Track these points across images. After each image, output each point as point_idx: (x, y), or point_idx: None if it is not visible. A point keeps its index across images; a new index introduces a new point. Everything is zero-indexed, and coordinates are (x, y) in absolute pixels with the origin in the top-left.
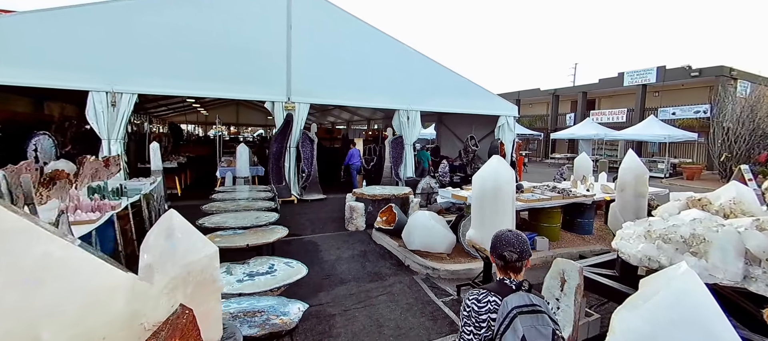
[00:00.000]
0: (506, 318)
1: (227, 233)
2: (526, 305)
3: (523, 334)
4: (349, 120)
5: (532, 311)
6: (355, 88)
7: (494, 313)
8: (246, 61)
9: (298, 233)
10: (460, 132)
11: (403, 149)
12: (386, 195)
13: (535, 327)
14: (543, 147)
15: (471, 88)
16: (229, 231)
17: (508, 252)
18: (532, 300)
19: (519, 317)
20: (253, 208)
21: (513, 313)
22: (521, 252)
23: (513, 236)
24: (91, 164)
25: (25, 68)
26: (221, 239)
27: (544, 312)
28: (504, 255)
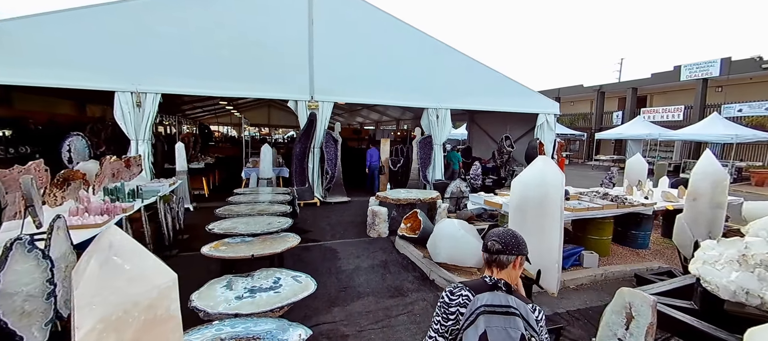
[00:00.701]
0: (472, 314)
1: (234, 241)
2: (497, 305)
3: (483, 331)
4: (377, 120)
5: (503, 312)
6: (381, 86)
7: (464, 307)
8: (268, 58)
9: (317, 238)
10: (493, 131)
11: (431, 150)
12: (411, 199)
13: (505, 328)
14: (586, 148)
15: (507, 84)
16: (236, 239)
17: (491, 241)
18: (509, 301)
19: (483, 315)
20: (268, 213)
21: (479, 310)
22: (505, 246)
23: (503, 230)
24: (112, 164)
25: (51, 69)
26: (226, 248)
27: (518, 315)
28: (487, 244)
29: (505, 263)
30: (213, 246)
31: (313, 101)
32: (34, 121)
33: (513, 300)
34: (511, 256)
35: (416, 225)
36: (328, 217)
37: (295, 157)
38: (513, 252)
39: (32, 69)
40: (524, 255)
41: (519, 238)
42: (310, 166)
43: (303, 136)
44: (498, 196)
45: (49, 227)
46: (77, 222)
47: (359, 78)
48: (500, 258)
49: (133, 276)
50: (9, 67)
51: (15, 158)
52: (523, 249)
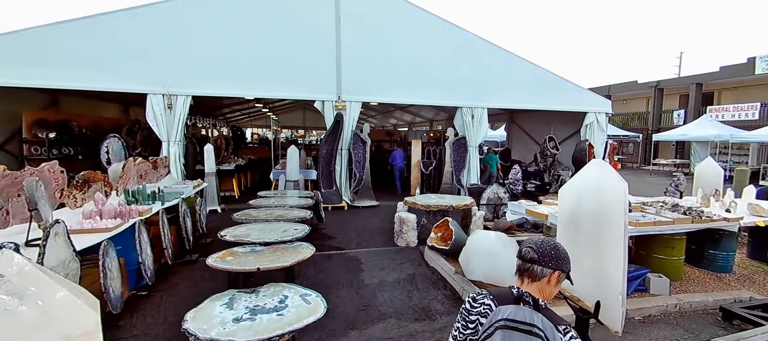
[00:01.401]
0: (490, 327)
1: (244, 250)
2: (520, 321)
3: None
4: (410, 121)
5: (526, 330)
6: (412, 85)
7: (485, 318)
8: (295, 58)
9: (341, 246)
10: (536, 132)
11: (466, 152)
12: (443, 205)
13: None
14: (641, 150)
15: (551, 80)
16: (247, 248)
17: (526, 248)
18: (534, 319)
19: (502, 331)
20: (285, 219)
21: (499, 324)
22: (541, 256)
23: (544, 238)
24: (138, 166)
25: (86, 72)
26: (233, 259)
27: (541, 337)
28: (521, 251)
29: (539, 275)
30: (220, 256)
31: (340, 101)
32: (78, 124)
33: (539, 319)
34: (547, 269)
35: (448, 234)
36: (355, 223)
37: (321, 159)
38: (549, 264)
39: (68, 72)
40: (563, 272)
41: (560, 250)
42: (338, 169)
43: (329, 137)
44: (543, 205)
45: (44, 233)
46: (88, 226)
47: (388, 77)
48: (533, 269)
49: (31, 321)
50: (46, 69)
51: (58, 159)
52: (564, 264)
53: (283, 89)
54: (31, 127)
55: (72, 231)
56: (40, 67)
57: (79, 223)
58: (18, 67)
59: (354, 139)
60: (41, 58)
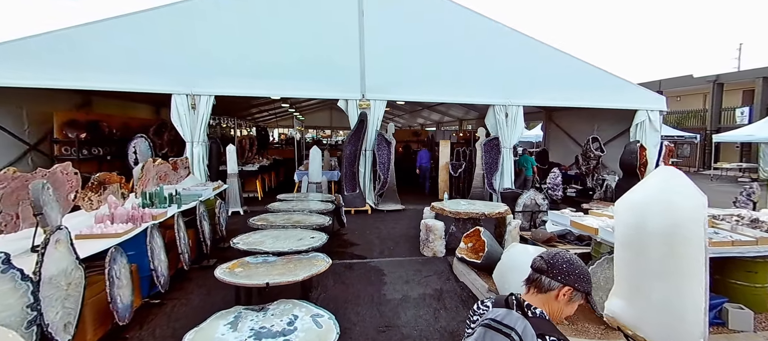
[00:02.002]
0: (476, 324)
1: (256, 260)
2: (501, 323)
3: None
4: (438, 121)
5: (503, 333)
6: (440, 82)
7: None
8: (318, 56)
9: (364, 254)
10: (576, 132)
11: (499, 153)
12: (474, 213)
13: None
14: (699, 153)
15: (596, 75)
16: (259, 258)
17: (537, 257)
18: (516, 324)
19: (482, 327)
20: (303, 225)
21: (483, 322)
22: (550, 266)
23: (561, 251)
24: (157, 167)
25: (111, 74)
26: (243, 270)
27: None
28: (533, 259)
29: (545, 287)
30: (229, 268)
31: (364, 100)
32: (108, 125)
33: (522, 324)
34: (555, 282)
35: (479, 245)
36: (378, 229)
37: (344, 160)
38: (558, 277)
39: (94, 74)
40: (577, 290)
41: (575, 265)
42: (362, 171)
43: (352, 137)
44: (591, 216)
45: (43, 241)
46: (97, 231)
47: (414, 74)
48: (540, 279)
49: None
50: (74, 71)
51: (88, 159)
52: (577, 281)
53: (306, 88)
54: (61, 127)
55: (81, 236)
56: (68, 69)
57: (89, 228)
58: (47, 69)
59: (378, 140)
60: (69, 60)
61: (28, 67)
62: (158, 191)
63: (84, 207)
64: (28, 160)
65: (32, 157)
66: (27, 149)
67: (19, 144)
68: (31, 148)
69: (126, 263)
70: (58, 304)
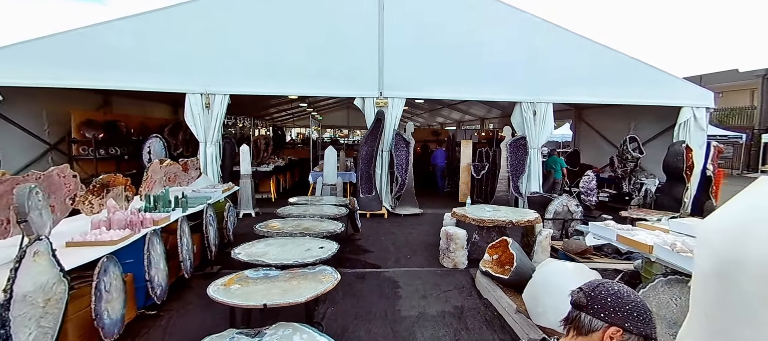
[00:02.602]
0: None
1: (256, 275)
2: None
3: None
4: (459, 120)
5: None
6: (463, 78)
7: None
8: (334, 53)
9: (378, 263)
10: (609, 131)
11: (526, 154)
12: (500, 221)
13: None
14: (743, 154)
15: (634, 68)
16: (260, 271)
17: (577, 290)
18: None
19: None
20: (312, 233)
21: None
22: (591, 301)
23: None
24: (166, 168)
25: (123, 72)
26: (240, 287)
27: None
28: (572, 293)
29: (587, 328)
30: (225, 284)
31: (381, 98)
32: (126, 124)
33: None
34: (598, 321)
35: (506, 258)
36: (395, 234)
37: (360, 161)
38: (602, 314)
39: (108, 73)
40: (625, 330)
41: (625, 300)
42: (378, 172)
43: (369, 137)
44: (641, 230)
45: (18, 254)
46: (91, 238)
47: (435, 70)
48: (580, 318)
49: None
50: (88, 71)
51: (105, 159)
52: (628, 319)
53: (322, 87)
54: (79, 127)
55: (72, 243)
56: (80, 69)
57: (83, 235)
58: (61, 68)
59: (396, 139)
60: (82, 59)
61: (44, 67)
62: (162, 194)
63: (84, 212)
64: (48, 159)
65: (52, 157)
66: (47, 149)
67: (40, 143)
68: (51, 147)
69: (119, 273)
70: (32, 324)
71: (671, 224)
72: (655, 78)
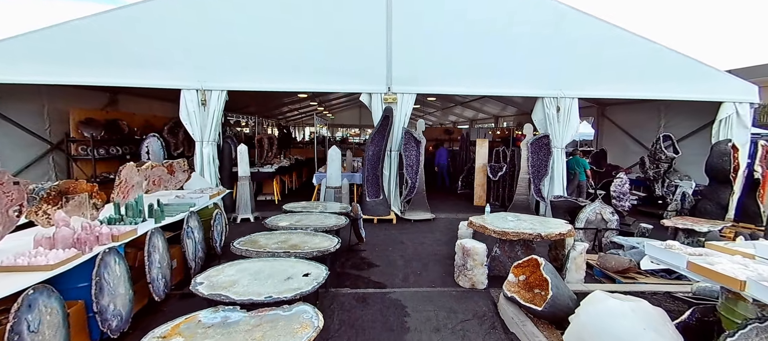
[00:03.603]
0: None
1: (212, 319)
2: None
3: None
4: (472, 118)
5: None
6: (479, 71)
7: None
8: (339, 45)
9: (382, 281)
10: (636, 129)
11: (549, 155)
12: (525, 233)
13: None
14: None
15: (669, 60)
16: (218, 314)
17: None
18: None
19: None
20: (300, 252)
21: None
22: None
23: None
24: (148, 171)
25: (116, 67)
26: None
27: None
28: None
29: None
30: (165, 335)
31: (390, 94)
32: (128, 123)
33: None
34: None
35: (536, 280)
36: (404, 244)
37: (367, 162)
38: None
39: (97, 68)
40: None
41: None
42: (386, 174)
43: (376, 136)
44: (721, 256)
45: None
46: (23, 262)
47: (449, 63)
48: None
49: None
50: (75, 66)
51: (105, 159)
52: None
53: (325, 82)
54: (78, 126)
55: (2, 268)
56: (68, 65)
57: (18, 256)
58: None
59: (406, 138)
60: (68, 54)
61: (30, 63)
62: (135, 202)
63: (40, 224)
64: (49, 159)
65: (53, 157)
66: (48, 149)
67: (41, 143)
68: (52, 147)
69: (57, 306)
70: None
71: (758, 247)
72: (693, 70)
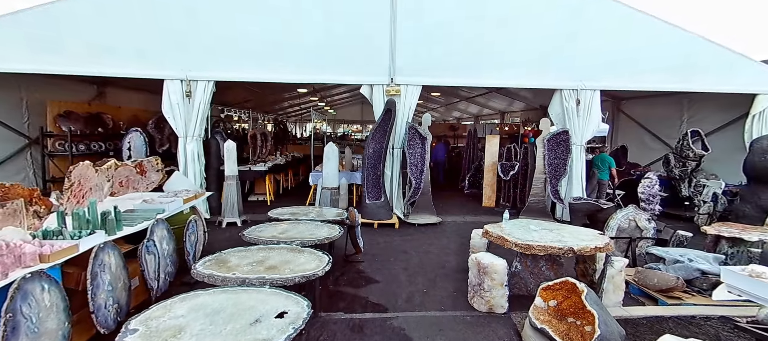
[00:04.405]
0: None
1: None
2: None
3: None
4: (477, 114)
5: None
6: (490, 61)
7: None
8: (336, 31)
9: (382, 303)
10: (656, 124)
11: (568, 153)
12: (554, 247)
13: None
14: None
15: (698, 48)
16: None
17: None
18: None
19: None
20: (277, 278)
21: None
22: None
23: None
24: (111, 172)
25: (92, 56)
26: None
27: None
28: None
29: None
30: None
31: (392, 85)
32: (112, 117)
33: None
34: None
35: (570, 306)
36: (407, 253)
37: (367, 161)
38: None
39: (73, 57)
40: None
41: None
42: (388, 173)
43: (377, 132)
44: None
45: None
46: None
47: (459, 52)
48: None
49: None
50: (37, 53)
51: (86, 155)
52: None
53: (322, 72)
54: (56, 119)
55: None
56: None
57: None
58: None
59: (410, 134)
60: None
61: (9, 48)
62: (81, 211)
63: None
64: (26, 155)
65: (32, 153)
66: (25, 144)
67: (18, 137)
68: (30, 142)
69: None
70: None
71: None
72: (725, 59)
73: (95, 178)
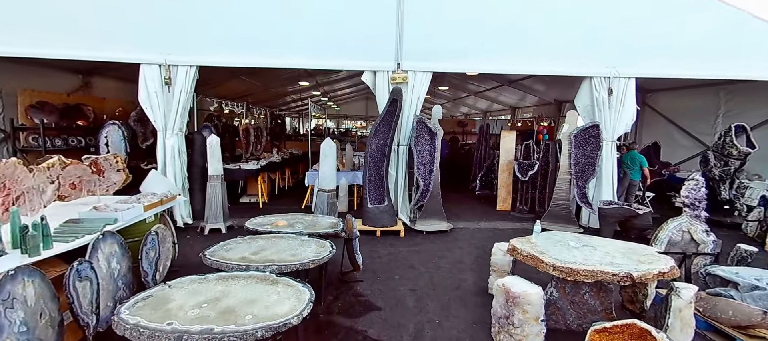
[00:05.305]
0: None
1: None
2: None
3: None
4: (486, 110)
5: None
6: (510, 45)
7: None
8: (335, 10)
9: (383, 340)
10: (686, 118)
11: (597, 150)
12: (605, 272)
13: None
14: None
15: (753, 29)
16: None
17: None
18: None
19: None
20: (232, 336)
21: None
22: None
23: None
24: (51, 171)
25: (70, 38)
26: None
27: None
28: None
29: None
30: None
31: (399, 72)
32: (93, 109)
33: None
34: None
35: None
36: (414, 269)
37: (368, 159)
38: None
39: (24, 36)
40: None
41: None
42: (392, 174)
43: (380, 126)
44: None
45: None
46: None
47: (474, 34)
48: None
49: None
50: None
51: (62, 150)
52: None
53: (320, 56)
54: (27, 110)
55: None
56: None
57: None
58: None
59: (418, 129)
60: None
61: None
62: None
63: None
64: (2, 150)
65: (8, 148)
66: (1, 137)
67: None
68: (6, 135)
69: None
70: None
71: None
72: None
73: (30, 180)
